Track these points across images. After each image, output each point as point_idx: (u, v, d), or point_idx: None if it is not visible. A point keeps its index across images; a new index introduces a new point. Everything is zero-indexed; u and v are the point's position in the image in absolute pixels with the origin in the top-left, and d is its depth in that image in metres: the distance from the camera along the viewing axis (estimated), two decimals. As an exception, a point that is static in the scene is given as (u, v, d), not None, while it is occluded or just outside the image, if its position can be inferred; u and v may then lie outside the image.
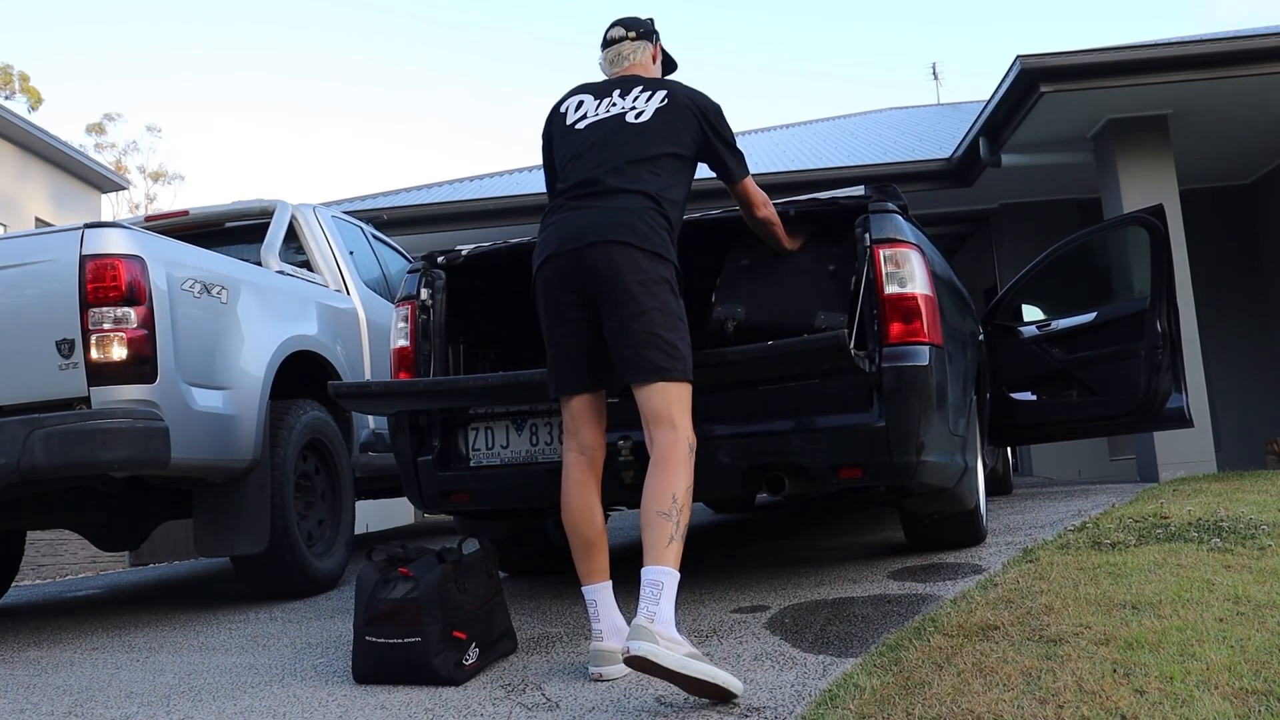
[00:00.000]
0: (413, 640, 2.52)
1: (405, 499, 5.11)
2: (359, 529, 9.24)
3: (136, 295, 3.47)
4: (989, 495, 5.50)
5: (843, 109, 40.22)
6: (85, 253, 3.45)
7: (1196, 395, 6.69)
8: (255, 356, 4.04)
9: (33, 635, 3.86)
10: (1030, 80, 7.00)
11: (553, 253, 2.58)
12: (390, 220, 9.17)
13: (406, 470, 3.46)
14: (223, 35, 56.95)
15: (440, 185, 11.93)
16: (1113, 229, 5.87)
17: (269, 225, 4.93)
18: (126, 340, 3.43)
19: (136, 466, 3.46)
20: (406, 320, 3.54)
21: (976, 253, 11.15)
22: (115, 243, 3.49)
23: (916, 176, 8.94)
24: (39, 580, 8.23)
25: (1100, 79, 6.92)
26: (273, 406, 4.09)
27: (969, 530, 3.78)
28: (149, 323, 3.49)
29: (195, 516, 3.93)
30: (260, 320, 4.16)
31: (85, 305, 3.42)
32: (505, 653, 2.78)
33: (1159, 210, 5.54)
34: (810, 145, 12.12)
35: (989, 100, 7.73)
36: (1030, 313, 6.06)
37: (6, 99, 24.93)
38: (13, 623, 4.32)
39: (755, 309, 3.24)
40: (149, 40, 54.30)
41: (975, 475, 3.82)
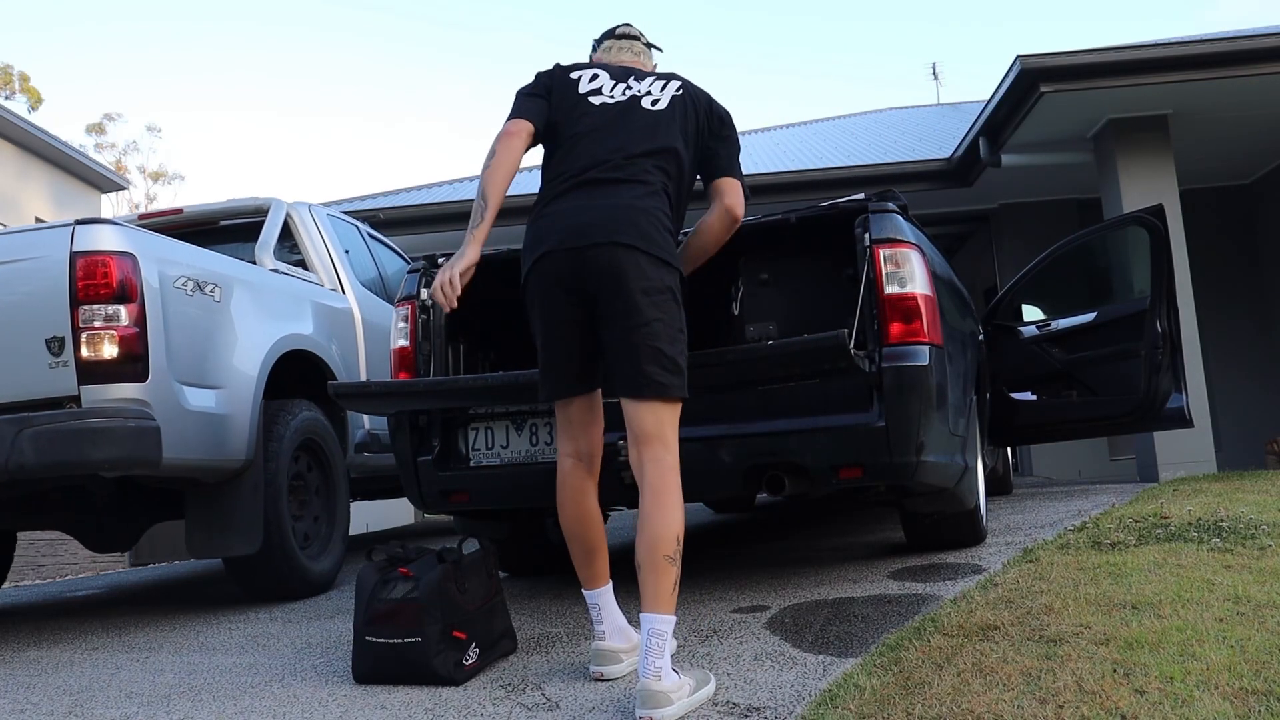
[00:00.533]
0: (413, 640, 2.52)
1: (405, 499, 5.10)
2: (359, 529, 9.25)
3: (128, 293, 3.41)
4: (989, 495, 5.50)
5: (843, 109, 40.25)
6: (76, 249, 3.39)
7: (1196, 395, 6.69)
8: (249, 355, 3.99)
9: (33, 635, 3.86)
10: (1030, 80, 7.00)
11: (552, 248, 2.40)
12: (390, 220, 9.16)
13: (406, 470, 3.46)
14: (222, 35, 57.00)
15: (440, 185, 11.94)
16: (1113, 229, 5.87)
17: (264, 223, 4.89)
18: (118, 338, 3.38)
19: (127, 467, 3.41)
20: (406, 320, 3.54)
21: (976, 253, 11.15)
22: (106, 239, 3.43)
23: (916, 176, 8.95)
24: (39, 580, 8.24)
25: (1100, 79, 6.93)
26: (266, 406, 4.04)
27: (969, 530, 3.78)
28: (140, 321, 3.43)
29: (187, 517, 3.87)
30: (254, 319, 4.10)
31: (76, 302, 3.37)
32: (505, 653, 2.78)
33: (1159, 210, 5.54)
34: (810, 145, 12.12)
35: (989, 100, 7.73)
36: (1030, 313, 6.06)
37: (6, 99, 24.94)
38: (13, 623, 4.32)
39: (787, 324, 3.23)
40: (149, 40, 54.34)
41: (975, 475, 3.82)
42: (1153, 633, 2.29)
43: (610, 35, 2.85)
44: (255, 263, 4.53)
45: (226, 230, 5.23)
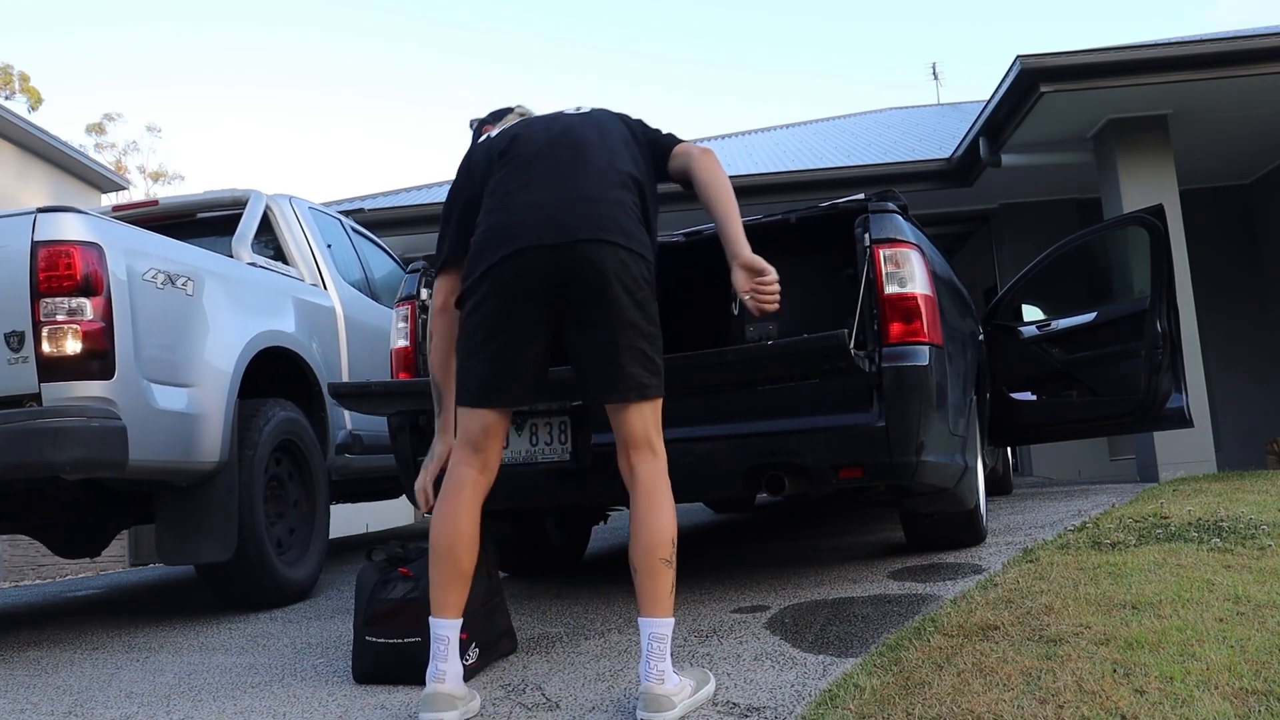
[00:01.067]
0: (413, 640, 2.52)
1: (403, 499, 5.06)
2: (359, 529, 9.26)
3: (93, 285, 3.22)
4: (989, 495, 5.50)
5: (843, 109, 40.24)
6: (38, 239, 3.20)
7: (1196, 395, 6.70)
8: (223, 352, 3.79)
9: (33, 635, 3.86)
10: (1030, 80, 7.01)
11: (529, 245, 2.25)
12: (391, 220, 9.16)
13: (407, 470, 3.46)
14: (223, 35, 56.99)
15: (441, 185, 11.93)
16: (1113, 229, 5.87)
17: (242, 216, 4.70)
18: (81, 333, 3.19)
19: (91, 469, 3.22)
20: (406, 320, 3.54)
21: (976, 253, 11.15)
22: (70, 229, 3.25)
23: (916, 176, 8.95)
24: (39, 580, 8.24)
25: (1100, 79, 6.93)
26: (241, 406, 3.85)
27: (969, 530, 3.78)
28: (106, 315, 3.24)
29: (158, 522, 3.70)
30: (229, 314, 3.90)
31: (37, 295, 3.18)
32: (505, 653, 2.78)
33: (1159, 210, 5.55)
34: (810, 145, 12.12)
35: (989, 100, 7.73)
36: (1030, 313, 6.06)
37: (6, 99, 24.93)
38: (13, 623, 4.32)
39: (787, 324, 3.23)
40: (149, 40, 54.32)
41: (975, 475, 3.82)
42: (1153, 633, 2.29)
43: (508, 111, 2.72)
44: (232, 256, 4.36)
45: (205, 224, 5.04)
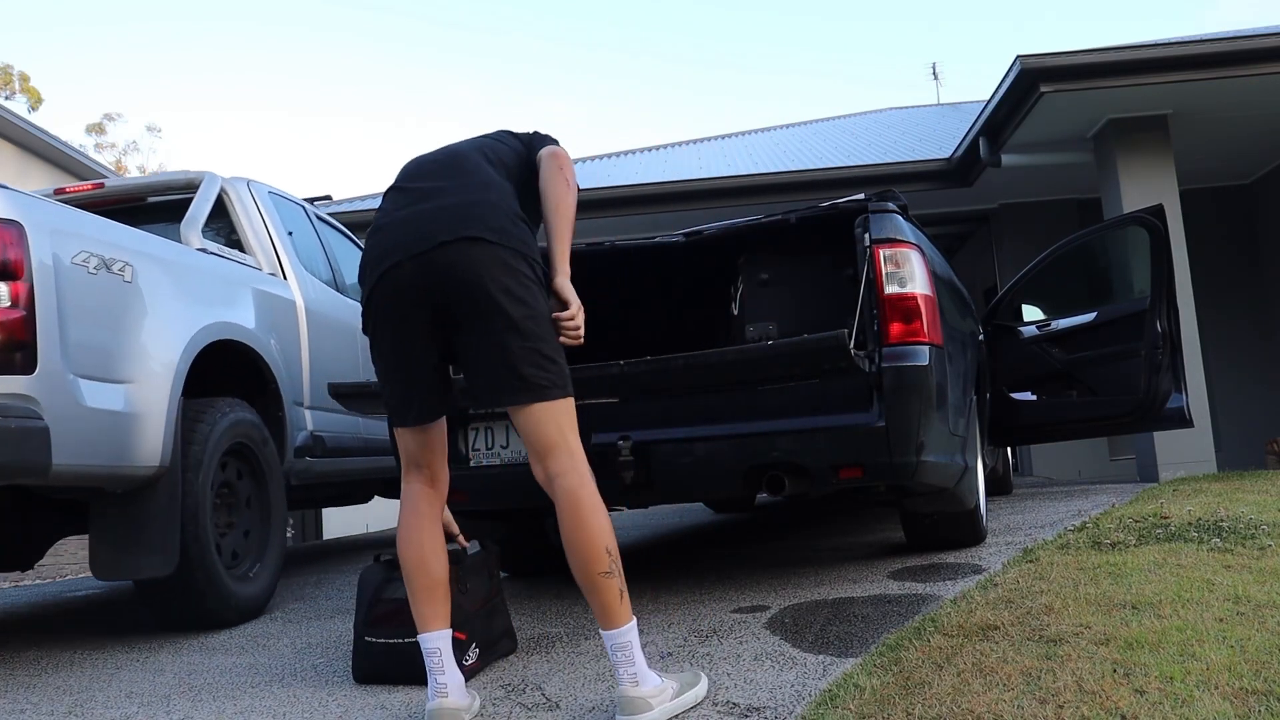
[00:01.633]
0: (413, 640, 2.51)
1: (393, 501, 5.02)
2: (359, 529, 9.26)
3: (11, 268, 2.88)
4: (989, 495, 5.50)
5: (843, 109, 40.24)
6: None
7: (1196, 395, 6.70)
8: (165, 345, 3.41)
9: (33, 635, 3.86)
10: (1030, 80, 7.01)
11: (397, 262, 2.18)
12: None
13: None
14: (223, 35, 57.01)
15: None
16: (1113, 229, 5.87)
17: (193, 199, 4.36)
18: None
19: (7, 474, 2.88)
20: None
21: (976, 253, 11.15)
22: None
23: (916, 176, 8.95)
24: (39, 580, 8.24)
25: (1100, 79, 6.93)
26: (187, 405, 3.49)
27: (969, 530, 3.78)
28: (27, 302, 2.90)
29: (91, 533, 3.35)
30: (173, 304, 3.52)
31: None
32: (505, 653, 2.78)
33: (1159, 210, 5.55)
34: (810, 145, 12.12)
35: (989, 100, 7.74)
36: (1030, 313, 6.06)
37: (6, 99, 24.92)
38: (13, 623, 4.32)
39: (787, 324, 3.23)
40: (149, 40, 54.35)
41: (975, 475, 3.82)
42: (1153, 633, 2.29)
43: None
44: (181, 241, 4.00)
45: (158, 209, 4.67)
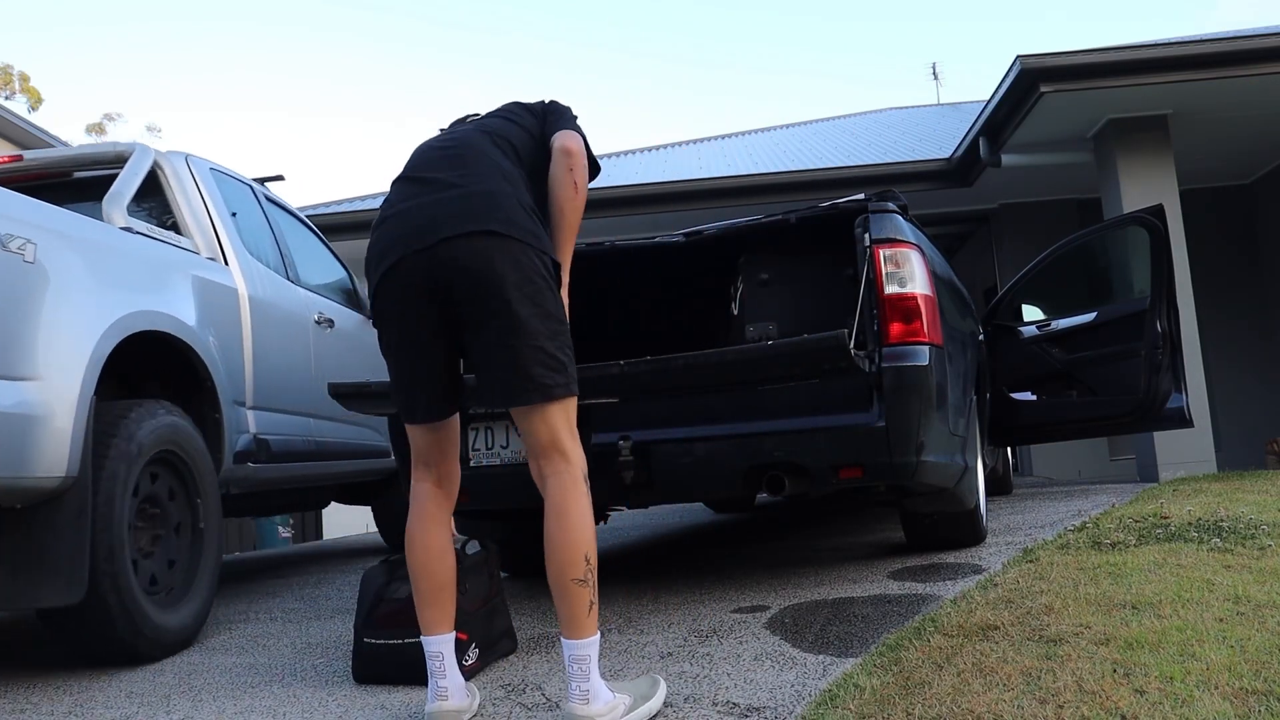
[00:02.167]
0: (413, 641, 2.52)
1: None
2: (358, 529, 9.23)
3: None
4: (989, 495, 5.50)
5: (843, 109, 40.26)
6: None
7: (1196, 395, 6.70)
8: (75, 336, 2.92)
9: (33, 635, 3.85)
10: (1030, 80, 7.01)
11: (401, 256, 2.13)
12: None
13: (407, 471, 3.45)
14: (223, 35, 57.02)
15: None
16: (1113, 229, 5.88)
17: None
18: None
19: None
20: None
21: (976, 253, 11.15)
22: None
23: (916, 176, 8.96)
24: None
25: (1100, 79, 6.93)
26: (101, 407, 2.99)
27: (969, 530, 3.78)
28: None
29: None
30: (88, 289, 3.04)
31: None
32: (505, 653, 2.78)
33: (1159, 210, 5.55)
34: (810, 145, 12.12)
35: (989, 100, 7.74)
36: (1030, 313, 6.07)
37: (6, 99, 24.92)
38: (13, 623, 4.32)
39: (787, 324, 3.23)
40: (149, 40, 54.38)
41: (975, 475, 3.82)
42: (1153, 633, 2.29)
43: (462, 121, 2.57)
44: (103, 219, 3.54)
45: (84, 186, 4.13)
